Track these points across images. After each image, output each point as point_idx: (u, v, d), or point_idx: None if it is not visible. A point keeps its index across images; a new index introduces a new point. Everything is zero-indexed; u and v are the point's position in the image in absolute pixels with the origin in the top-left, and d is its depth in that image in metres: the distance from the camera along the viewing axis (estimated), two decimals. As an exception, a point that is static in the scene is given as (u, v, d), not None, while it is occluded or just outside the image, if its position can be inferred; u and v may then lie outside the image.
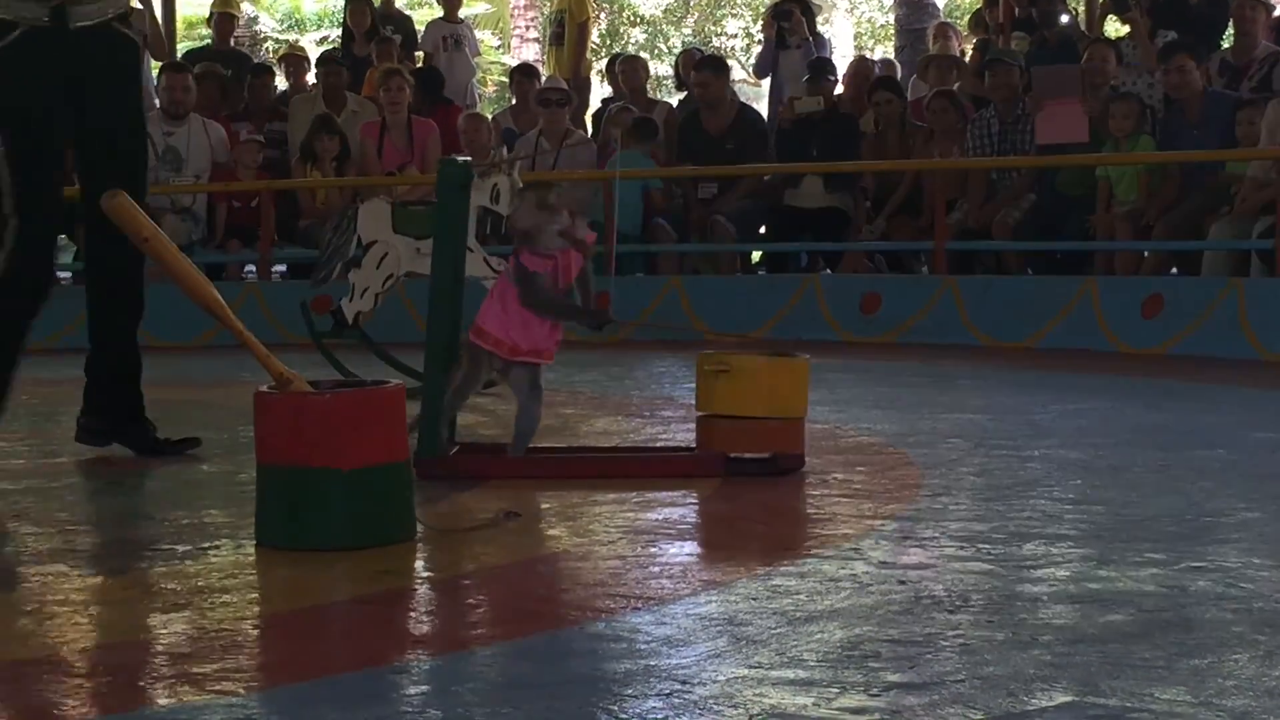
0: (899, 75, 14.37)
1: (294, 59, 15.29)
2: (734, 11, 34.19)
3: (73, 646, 3.47)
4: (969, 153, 11.91)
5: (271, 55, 26.08)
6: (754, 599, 3.82)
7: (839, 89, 13.38)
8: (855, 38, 33.49)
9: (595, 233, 5.71)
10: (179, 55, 15.81)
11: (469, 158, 6.32)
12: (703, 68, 13.17)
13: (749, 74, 25.42)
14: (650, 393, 8.40)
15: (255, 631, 3.69)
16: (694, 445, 5.76)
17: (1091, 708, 2.94)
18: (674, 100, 15.32)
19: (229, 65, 14.74)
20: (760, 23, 19.68)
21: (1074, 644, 3.37)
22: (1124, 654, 3.28)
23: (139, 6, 5.45)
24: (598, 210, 11.54)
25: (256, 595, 4.05)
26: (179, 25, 17.11)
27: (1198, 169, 11.17)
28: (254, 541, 4.50)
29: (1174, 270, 11.38)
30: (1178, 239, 10.91)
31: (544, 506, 5.15)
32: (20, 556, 4.49)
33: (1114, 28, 15.38)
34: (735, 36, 33.58)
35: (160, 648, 3.49)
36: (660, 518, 4.96)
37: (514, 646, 3.49)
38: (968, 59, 14.26)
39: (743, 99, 14.19)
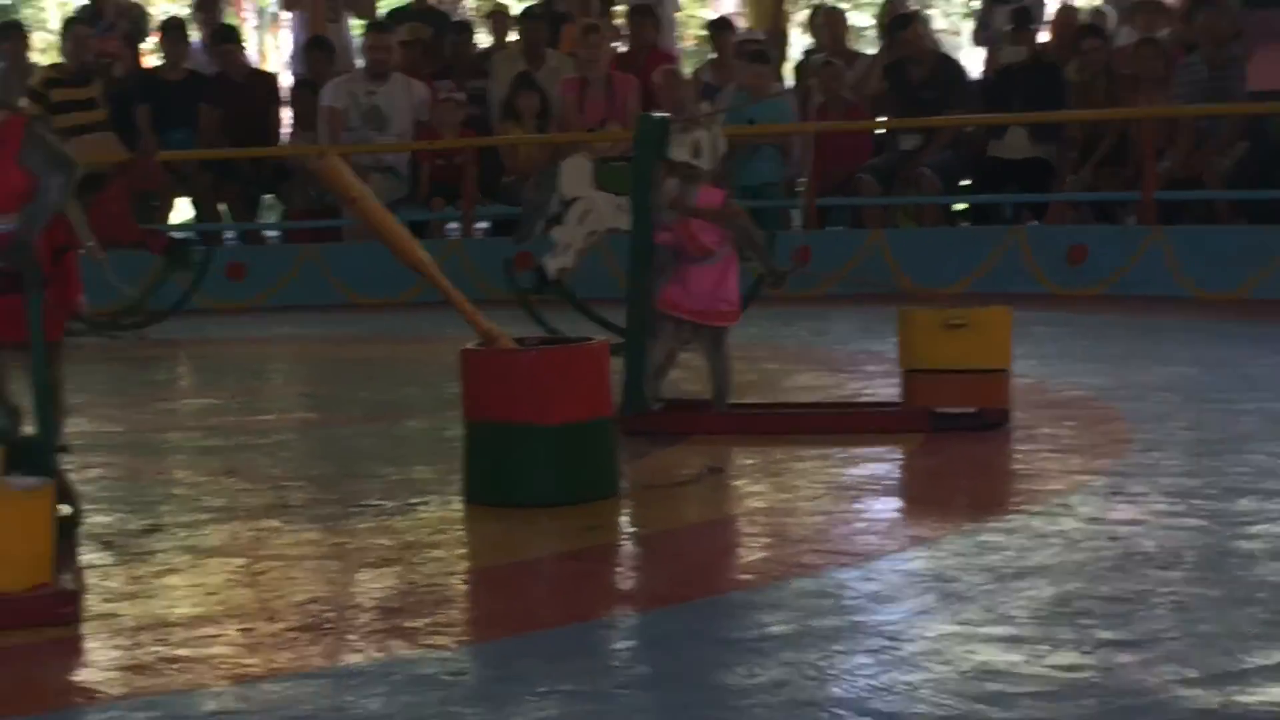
0: (1109, 23, 14.09)
1: (498, 15, 15.33)
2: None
3: (286, 600, 3.55)
4: (1177, 100, 11.67)
5: (472, 12, 26.29)
6: (961, 555, 3.80)
7: (1044, 37, 13.17)
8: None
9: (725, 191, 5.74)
10: (381, 14, 15.96)
11: (666, 114, 6.32)
12: (898, 21, 13.04)
13: (948, 24, 25.11)
14: (853, 347, 8.36)
15: (464, 586, 3.74)
16: (898, 400, 5.72)
17: (1310, 667, 2.89)
18: (873, 51, 15.18)
19: (430, 23, 14.83)
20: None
21: (1291, 602, 3.32)
22: (1344, 612, 3.22)
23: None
24: (755, 172, 11.56)
25: (464, 550, 4.10)
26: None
27: None
28: (461, 497, 4.55)
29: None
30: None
31: (747, 462, 5.15)
32: (234, 512, 4.58)
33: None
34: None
35: (371, 602, 3.54)
36: (865, 473, 4.95)
37: (719, 602, 3.50)
38: (1177, 3, 13.96)
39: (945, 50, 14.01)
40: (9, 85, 3.73)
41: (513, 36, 14.32)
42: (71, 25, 13.68)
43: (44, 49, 18.75)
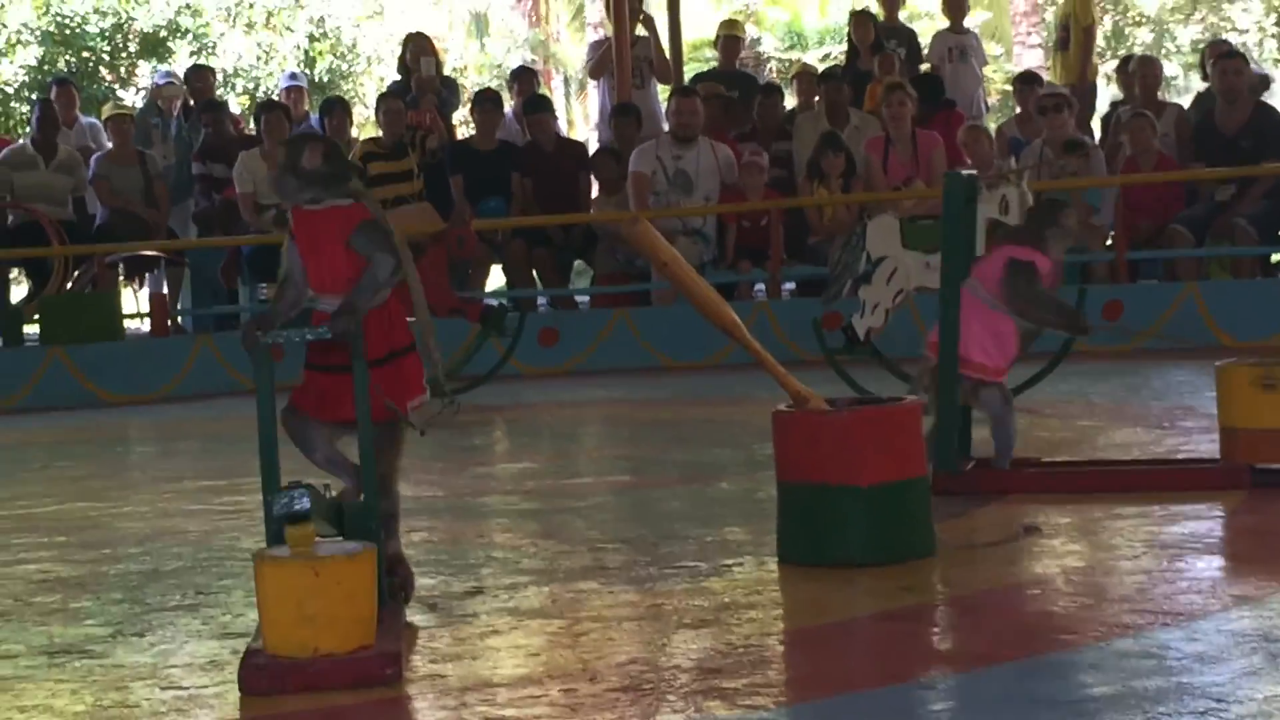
0: None
1: (803, 77, 15.41)
2: (1245, 5, 33.06)
3: (606, 661, 3.59)
4: None
5: (774, 74, 26.41)
6: (1291, 616, 3.70)
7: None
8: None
9: None
10: (685, 79, 16.12)
11: (973, 170, 6.28)
12: (1224, 57, 12.79)
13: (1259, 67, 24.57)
14: (1169, 402, 8.19)
15: (780, 647, 3.75)
16: (1217, 456, 5.59)
17: None
18: (1184, 101, 14.91)
19: (734, 86, 14.96)
20: (1275, 16, 18.96)
21: None
22: None
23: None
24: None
25: (780, 611, 4.10)
26: (685, 48, 17.41)
27: None
28: (775, 558, 4.56)
29: None
30: None
31: (1063, 521, 5.07)
32: (553, 574, 4.65)
33: None
34: (1246, 31, 32.43)
35: (689, 663, 3.56)
36: (1186, 531, 4.84)
37: (1038, 662, 3.46)
38: None
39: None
40: (343, 169, 3.80)
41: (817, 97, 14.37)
42: (385, 100, 14.07)
43: (361, 124, 19.29)
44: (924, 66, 15.28)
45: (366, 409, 3.92)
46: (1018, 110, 14.21)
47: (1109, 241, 12.26)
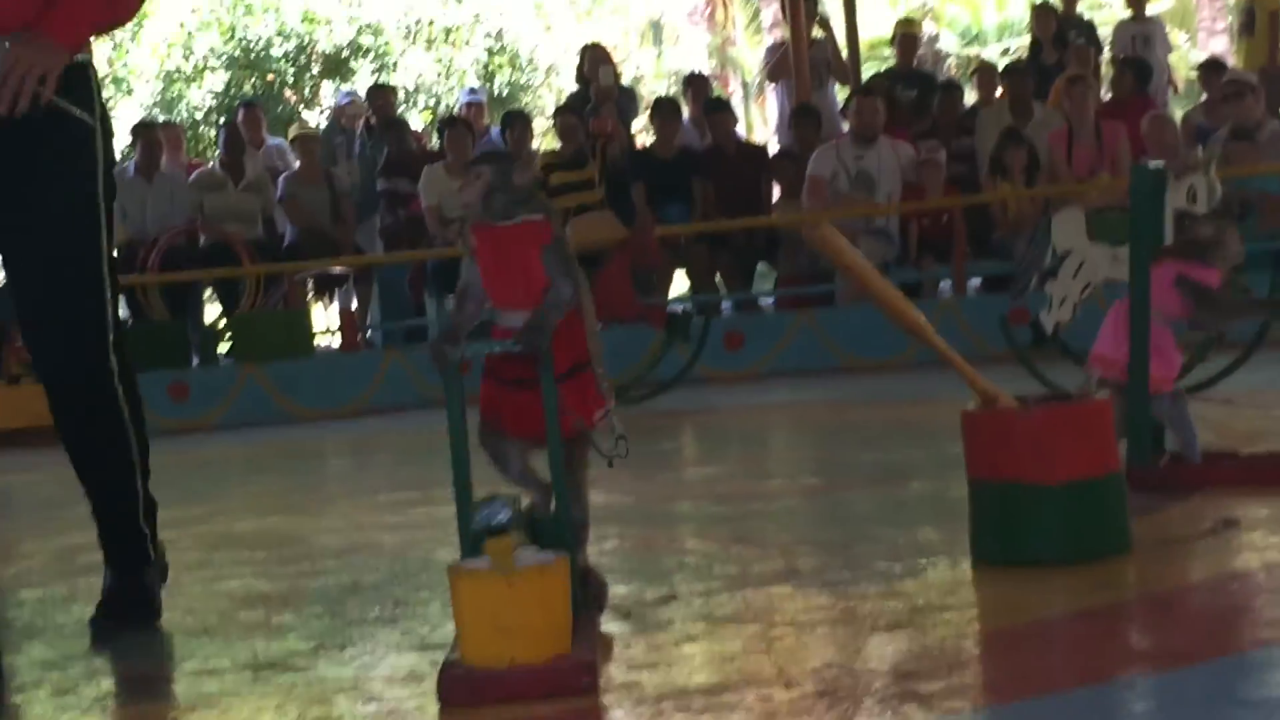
0: None
1: (986, 71, 15.31)
2: None
3: (802, 666, 3.58)
4: None
5: (954, 71, 26.20)
6: None
7: None
8: None
9: None
10: (864, 78, 16.07)
11: (1159, 161, 6.19)
12: None
13: None
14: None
15: (977, 649, 3.71)
16: None
17: None
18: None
19: (913, 85, 14.90)
20: None
21: None
22: None
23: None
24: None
25: (975, 612, 4.07)
26: (862, 48, 17.35)
27: None
28: (969, 558, 4.53)
29: None
30: None
31: (1263, 514, 4.97)
32: (746, 579, 4.65)
33: None
34: None
35: (885, 666, 3.55)
36: (1392, 522, 4.74)
37: (1241, 660, 3.40)
38: None
39: None
40: (526, 183, 3.85)
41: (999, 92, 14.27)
42: (563, 111, 14.17)
43: (543, 133, 19.43)
44: (1105, 56, 15.13)
45: (555, 423, 3.94)
46: (1204, 97, 13.99)
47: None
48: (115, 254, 4.42)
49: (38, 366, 4.50)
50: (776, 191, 13.70)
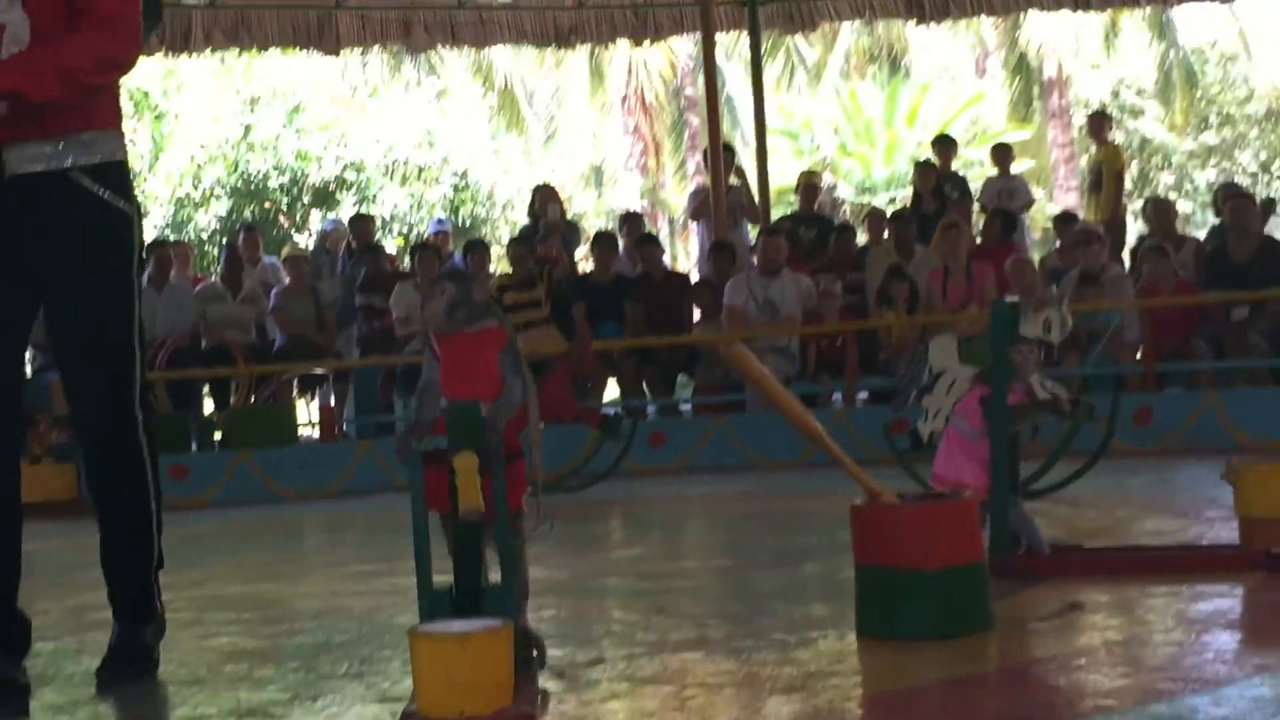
0: None
1: (875, 217, 15.42)
2: (1261, 148, 32.73)
3: (710, 722, 3.56)
4: None
5: (848, 216, 26.37)
6: (1304, 683, 3.62)
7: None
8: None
9: None
10: (772, 219, 16.16)
11: (1017, 298, 6.25)
12: (1235, 197, 12.75)
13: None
14: (1193, 495, 8.06)
15: (859, 710, 3.70)
16: (1236, 542, 5.49)
17: None
18: (1200, 234, 14.81)
19: (813, 226, 15.00)
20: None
21: None
22: None
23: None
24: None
25: (859, 678, 4.05)
26: (772, 194, 17.46)
27: None
28: (854, 631, 4.52)
29: None
30: None
31: (1103, 599, 5.00)
32: (664, 645, 4.62)
33: None
34: (1255, 174, 32.11)
35: (781, 723, 3.54)
36: (1211, 608, 4.76)
37: (1084, 725, 3.40)
38: None
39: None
40: (483, 299, 3.88)
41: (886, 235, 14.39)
42: (515, 242, 14.23)
43: (498, 259, 19.44)
44: (975, 207, 15.30)
45: (504, 504, 3.94)
46: (1058, 243, 14.15)
47: (1138, 355, 12.16)
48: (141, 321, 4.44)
49: (75, 418, 4.51)
50: (697, 314, 13.72)
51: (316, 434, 14.52)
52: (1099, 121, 16.47)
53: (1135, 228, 18.28)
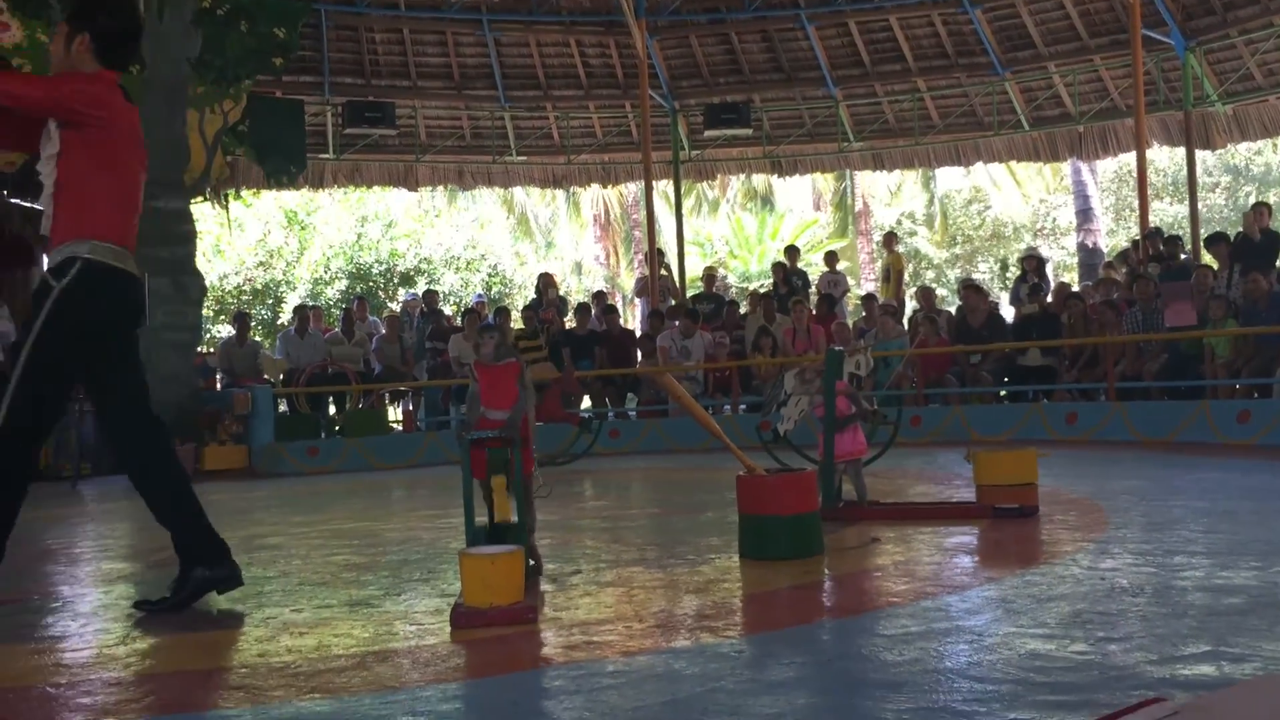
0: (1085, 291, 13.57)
1: (752, 296, 15.38)
2: (988, 257, 32.83)
3: (647, 610, 3.52)
4: (1125, 332, 11.21)
5: (734, 295, 26.33)
6: (1015, 587, 3.64)
7: (1049, 298, 12.80)
8: (1055, 268, 31.66)
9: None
10: (687, 295, 16.15)
11: (841, 347, 6.28)
12: (970, 288, 12.85)
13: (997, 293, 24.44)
14: (949, 470, 8.11)
15: (740, 604, 3.67)
16: (974, 500, 5.53)
17: (1223, 655, 2.71)
18: (951, 310, 14.87)
19: (712, 301, 14.97)
20: (1015, 260, 18.77)
21: (1208, 616, 3.11)
22: (1241, 622, 3.01)
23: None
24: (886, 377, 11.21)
25: (740, 584, 4.01)
26: (688, 280, 17.44)
27: (1271, 338, 10.25)
28: (737, 555, 4.51)
29: (1255, 395, 10.43)
30: (1257, 377, 10.02)
31: (891, 535, 5.02)
32: (619, 561, 4.56)
33: (1209, 259, 14.25)
34: (991, 273, 32.20)
35: (692, 612, 3.49)
36: (957, 541, 4.78)
37: (876, 614, 3.39)
38: (1123, 278, 13.43)
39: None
40: (508, 344, 3.91)
41: (759, 308, 14.33)
42: (527, 309, 14.17)
43: (515, 320, 19.36)
44: (812, 291, 15.32)
45: (520, 472, 3.93)
46: (863, 314, 14.23)
47: (913, 384, 12.24)
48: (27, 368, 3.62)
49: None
50: (640, 356, 13.74)
51: (400, 428, 14.41)
52: (889, 238, 16.66)
53: (911, 305, 18.36)
